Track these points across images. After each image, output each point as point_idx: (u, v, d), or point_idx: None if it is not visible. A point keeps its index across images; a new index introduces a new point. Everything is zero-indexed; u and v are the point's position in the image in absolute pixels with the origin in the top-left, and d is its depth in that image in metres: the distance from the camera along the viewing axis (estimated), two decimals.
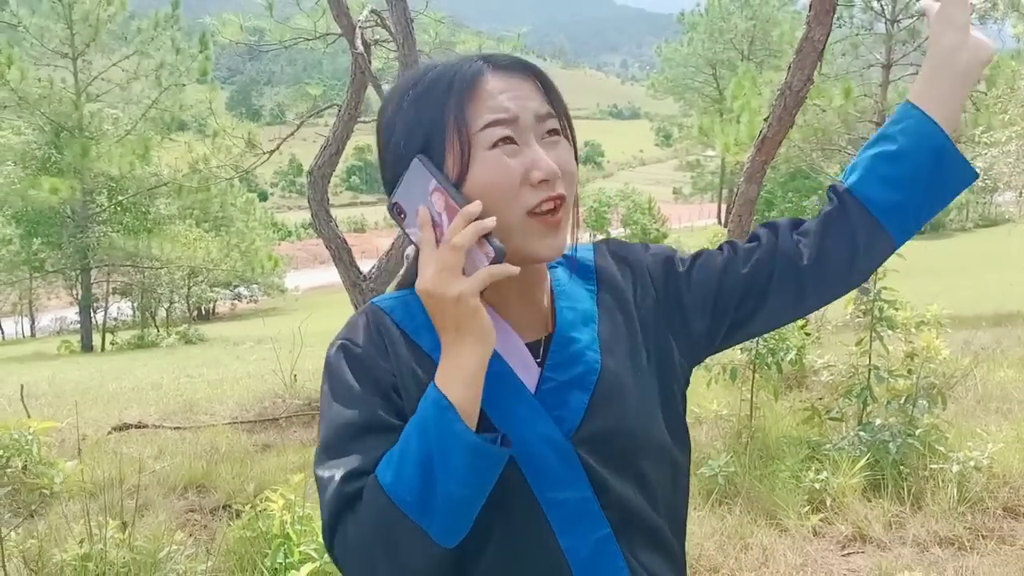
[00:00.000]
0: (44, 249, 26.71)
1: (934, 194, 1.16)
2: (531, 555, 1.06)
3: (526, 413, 1.07)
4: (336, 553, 1.01)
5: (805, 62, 4.47)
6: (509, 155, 1.01)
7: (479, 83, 1.03)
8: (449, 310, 0.98)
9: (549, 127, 1.05)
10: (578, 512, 1.07)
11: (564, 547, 1.06)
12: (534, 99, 1.05)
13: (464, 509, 0.97)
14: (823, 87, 17.41)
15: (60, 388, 9.94)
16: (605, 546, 1.07)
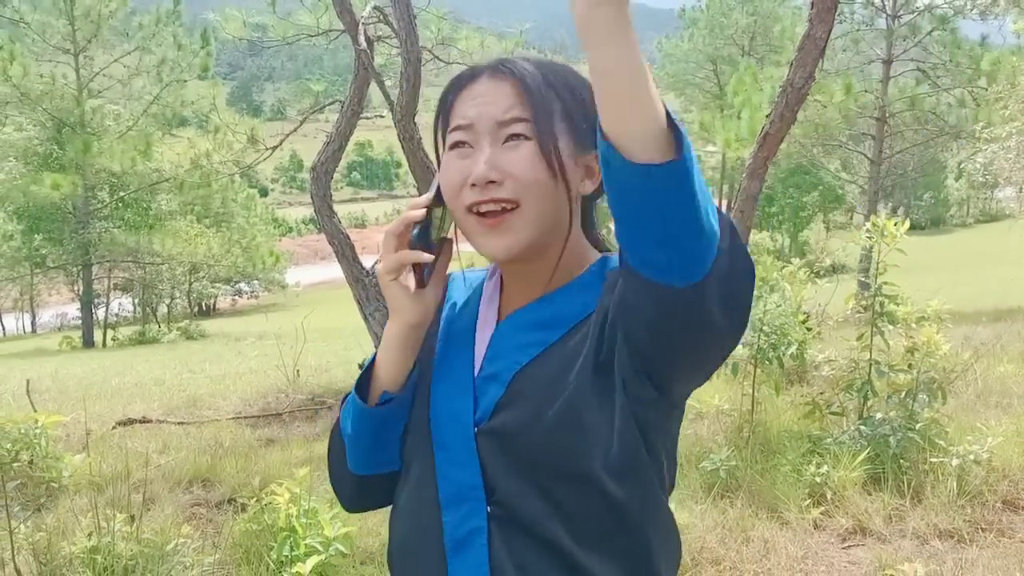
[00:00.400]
0: (45, 245, 26.76)
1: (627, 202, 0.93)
2: (424, 512, 1.15)
3: (452, 389, 1.16)
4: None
5: (807, 59, 4.50)
6: (461, 157, 1.10)
7: (464, 90, 1.13)
8: (381, 286, 1.15)
9: (511, 131, 1.07)
10: (462, 495, 1.12)
11: (444, 521, 1.13)
12: (501, 104, 1.08)
13: (355, 445, 1.20)
14: (824, 83, 17.41)
15: (63, 384, 9.97)
16: (475, 538, 1.10)
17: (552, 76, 1.11)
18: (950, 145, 25.07)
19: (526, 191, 1.07)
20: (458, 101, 1.12)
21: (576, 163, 1.11)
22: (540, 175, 1.06)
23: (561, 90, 1.11)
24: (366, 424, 1.18)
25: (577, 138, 1.10)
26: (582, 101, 1.11)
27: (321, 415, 7.13)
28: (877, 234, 4.68)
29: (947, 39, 19.91)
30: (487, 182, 1.06)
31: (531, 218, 1.07)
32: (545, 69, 1.12)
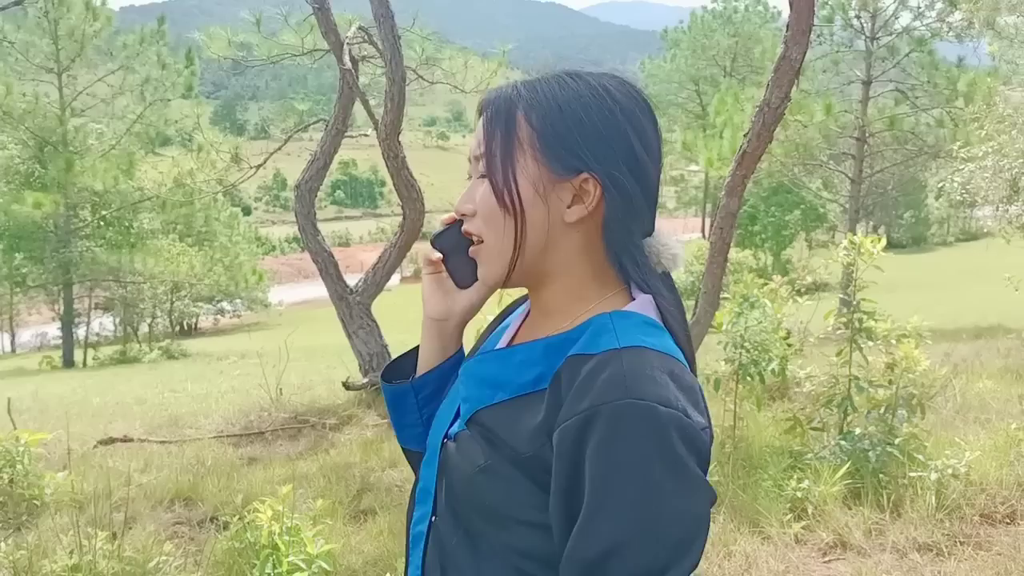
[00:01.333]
0: (26, 264, 26.50)
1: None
2: (410, 499, 1.22)
3: (452, 396, 1.21)
4: None
5: (782, 80, 4.57)
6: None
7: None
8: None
9: (480, 169, 1.09)
10: (423, 497, 1.18)
11: (413, 516, 1.19)
12: (476, 138, 1.10)
13: (394, 416, 1.29)
14: (804, 103, 17.62)
15: (44, 403, 9.89)
16: (419, 541, 1.17)
17: (531, 98, 1.06)
18: (929, 164, 25.34)
19: (485, 226, 1.09)
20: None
21: (552, 188, 1.04)
22: (492, 211, 1.07)
23: (535, 113, 1.05)
24: (387, 399, 1.29)
25: (551, 166, 1.04)
26: (561, 122, 1.04)
27: (304, 433, 7.10)
28: (855, 252, 4.75)
29: (925, 60, 20.22)
30: (461, 214, 1.12)
31: (495, 252, 1.09)
32: (529, 88, 1.07)
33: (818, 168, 23.70)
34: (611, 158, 1.04)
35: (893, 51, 20.90)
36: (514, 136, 1.05)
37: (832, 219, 38.39)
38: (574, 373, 0.98)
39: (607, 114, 1.05)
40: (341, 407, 7.84)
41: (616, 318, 1.03)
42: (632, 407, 0.91)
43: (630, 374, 0.94)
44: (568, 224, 1.06)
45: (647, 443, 0.91)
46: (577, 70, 1.10)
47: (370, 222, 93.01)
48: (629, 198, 1.05)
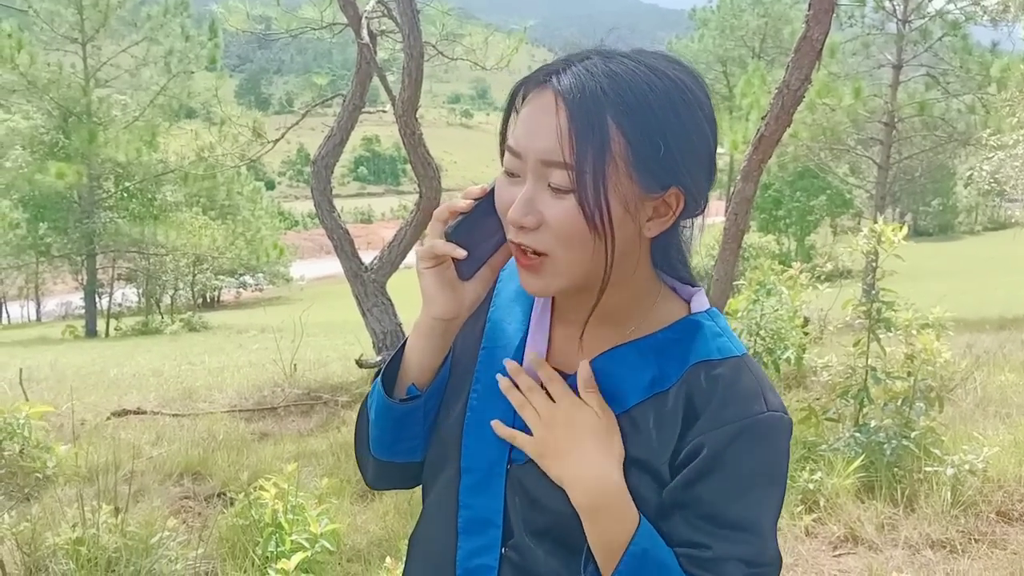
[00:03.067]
0: (50, 234, 26.76)
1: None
2: (443, 528, 1.12)
3: (492, 411, 1.10)
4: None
5: (803, 61, 4.44)
6: (510, 183, 1.01)
7: (529, 98, 1.00)
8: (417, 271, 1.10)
9: (554, 179, 0.95)
10: (479, 528, 1.09)
11: (459, 546, 1.11)
12: (548, 139, 0.95)
13: (377, 432, 1.17)
14: (833, 86, 17.37)
15: (61, 373, 9.97)
16: (485, 575, 1.09)
17: (622, 95, 0.94)
18: (959, 151, 24.95)
19: (558, 244, 0.97)
20: (522, 112, 1.00)
21: (641, 205, 0.98)
22: (577, 232, 0.96)
23: (630, 123, 0.94)
24: (388, 416, 1.15)
25: (643, 182, 0.96)
26: (660, 135, 0.95)
27: (316, 410, 7.10)
28: (875, 240, 4.64)
29: (958, 45, 19.81)
30: (520, 226, 0.98)
31: (563, 269, 0.99)
32: (613, 84, 0.95)
33: (845, 153, 23.40)
34: (697, 169, 0.99)
35: (925, 34, 20.49)
36: (607, 150, 0.93)
37: (858, 205, 37.99)
38: (710, 380, 1.02)
39: (695, 120, 0.98)
40: (354, 384, 7.84)
41: (715, 317, 1.09)
42: (773, 419, 1.02)
43: (763, 385, 1.04)
44: (643, 237, 1.02)
45: (782, 449, 1.05)
46: (640, 53, 1.00)
47: (392, 199, 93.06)
48: (705, 198, 1.03)
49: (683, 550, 1.00)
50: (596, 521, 1.01)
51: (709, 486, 0.99)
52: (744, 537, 0.99)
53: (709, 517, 0.99)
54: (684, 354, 1.04)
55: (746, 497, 1.00)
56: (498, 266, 1.10)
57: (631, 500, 1.01)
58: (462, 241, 1.05)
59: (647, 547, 0.99)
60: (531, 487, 1.06)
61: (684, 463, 1.00)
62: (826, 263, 7.59)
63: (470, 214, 1.06)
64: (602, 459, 1.01)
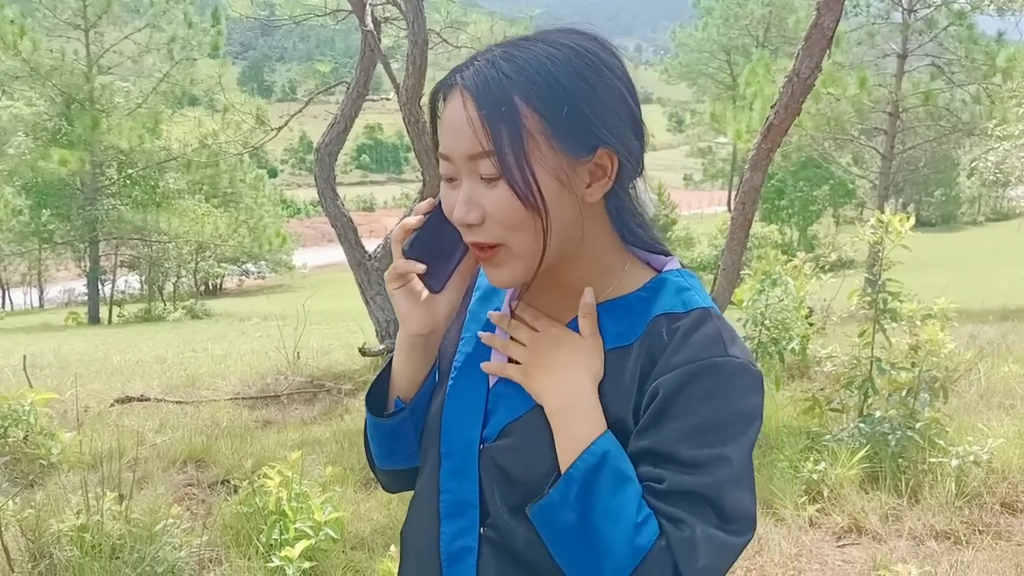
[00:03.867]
0: (53, 220, 26.76)
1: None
2: (427, 515, 1.15)
3: (464, 399, 1.13)
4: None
5: (814, 49, 4.41)
6: (450, 188, 1.03)
7: (445, 104, 1.01)
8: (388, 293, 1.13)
9: (483, 170, 0.97)
10: (459, 510, 1.11)
11: (441, 531, 1.12)
12: (466, 135, 0.97)
13: (374, 446, 1.21)
14: (837, 76, 17.29)
15: (65, 360, 9.98)
16: (466, 556, 1.10)
17: (526, 79, 0.96)
18: (963, 142, 24.86)
19: (506, 231, 0.99)
20: (441, 118, 1.02)
21: (573, 173, 0.99)
22: (518, 215, 0.97)
23: (538, 97, 0.96)
24: (379, 432, 1.19)
25: (568, 149, 0.97)
26: (570, 101, 0.96)
27: (319, 398, 7.11)
28: (882, 230, 4.62)
29: (963, 34, 19.72)
30: (466, 225, 1.00)
31: (520, 252, 1.00)
32: (518, 69, 0.97)
33: (849, 143, 23.35)
34: (620, 125, 1.00)
35: (931, 24, 20.41)
36: (521, 127, 0.95)
37: (861, 195, 37.89)
38: (670, 331, 1.02)
39: (603, 79, 0.99)
40: (357, 372, 7.84)
41: (684, 275, 1.09)
42: (732, 363, 1.00)
43: (726, 333, 1.02)
44: (588, 204, 1.02)
45: (749, 397, 1.01)
46: (542, 33, 1.03)
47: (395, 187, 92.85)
48: (639, 161, 1.04)
49: (645, 483, 0.99)
50: (563, 424, 1.01)
51: (664, 429, 0.98)
52: (701, 472, 0.97)
53: (665, 458, 0.98)
54: (648, 309, 1.05)
55: (703, 437, 0.97)
56: (468, 272, 1.11)
57: (600, 411, 1.01)
58: (420, 255, 1.07)
59: (609, 449, 0.98)
60: (502, 462, 1.07)
61: (644, 410, 1.01)
62: (830, 253, 7.57)
63: (423, 228, 1.08)
64: (579, 372, 1.03)
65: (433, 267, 1.08)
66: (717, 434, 0.98)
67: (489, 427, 1.09)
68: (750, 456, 1.02)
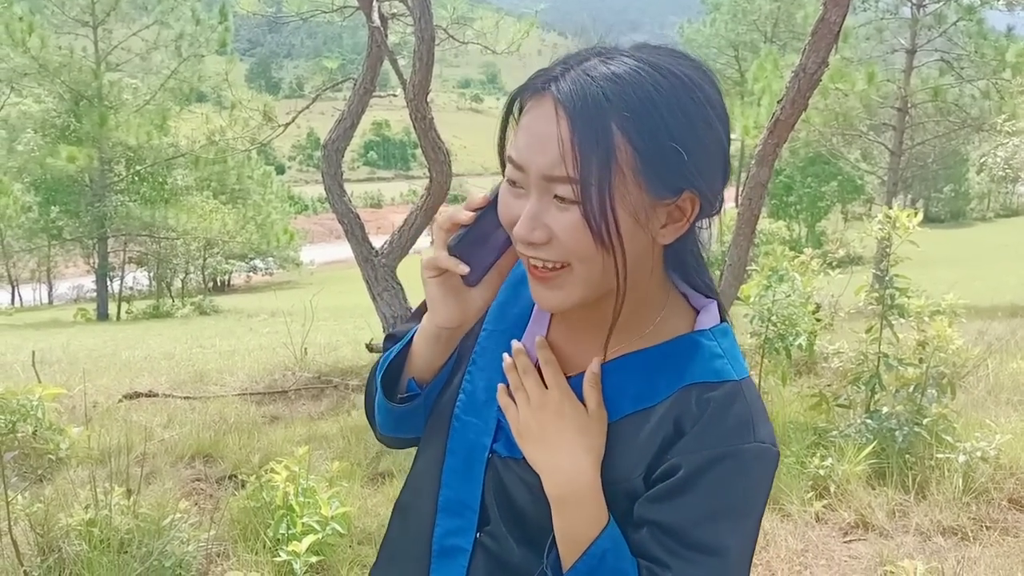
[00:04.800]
0: (62, 217, 26.87)
1: None
2: (423, 502, 1.13)
3: (481, 399, 1.11)
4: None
5: (820, 44, 4.39)
6: (514, 195, 0.97)
7: (528, 105, 0.95)
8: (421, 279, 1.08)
9: (559, 191, 0.91)
10: (457, 509, 1.10)
11: (437, 523, 1.11)
12: (550, 152, 0.90)
13: (380, 418, 1.20)
14: (846, 71, 17.22)
15: (74, 355, 10.02)
16: (458, 556, 1.09)
17: (625, 99, 0.89)
18: (972, 138, 24.77)
19: (573, 256, 0.93)
20: (522, 122, 0.95)
21: (652, 213, 0.93)
22: (586, 246, 0.92)
23: (636, 130, 0.89)
24: (390, 414, 1.18)
25: (654, 189, 0.91)
26: (668, 140, 0.90)
27: (326, 394, 7.12)
28: (890, 226, 4.61)
29: (973, 29, 19.60)
30: (528, 243, 0.95)
31: (583, 278, 0.95)
32: (619, 93, 0.90)
33: (857, 139, 23.25)
34: (711, 170, 0.95)
35: (940, 19, 20.29)
36: (612, 160, 0.89)
37: (869, 191, 37.77)
38: (700, 401, 0.98)
39: (705, 119, 0.93)
40: (364, 368, 7.86)
41: (718, 336, 1.04)
42: (759, 451, 0.98)
43: (756, 415, 0.99)
44: (657, 244, 0.98)
45: (764, 482, 1.00)
46: (644, 51, 0.95)
47: (402, 184, 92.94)
48: (720, 198, 0.99)
49: (645, 563, 0.97)
50: (563, 513, 0.99)
51: (680, 506, 0.96)
52: (707, 561, 0.96)
53: (675, 536, 0.96)
54: (678, 373, 1.00)
55: (716, 523, 0.96)
56: (506, 270, 1.08)
57: (603, 501, 0.99)
58: (465, 253, 1.03)
59: (608, 548, 0.97)
60: (507, 481, 1.06)
61: (659, 480, 0.98)
62: (838, 249, 7.54)
63: (473, 227, 1.03)
64: (580, 454, 0.99)
65: (472, 261, 1.04)
66: (728, 522, 0.97)
67: (501, 441, 1.07)
68: (756, 534, 1.02)
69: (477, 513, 1.08)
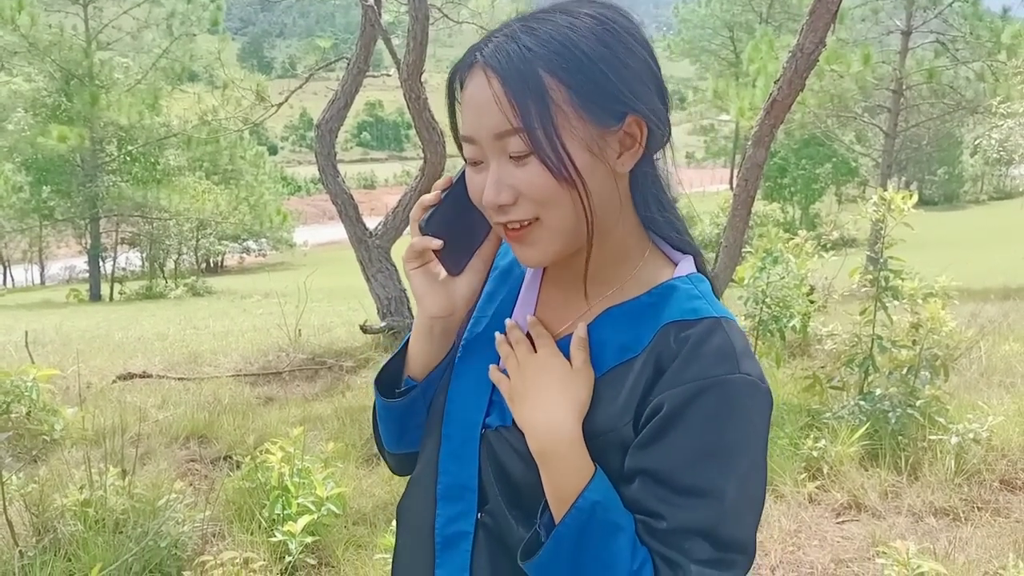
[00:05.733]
0: (54, 197, 26.68)
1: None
2: (424, 497, 1.13)
3: (471, 379, 1.11)
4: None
5: (818, 24, 4.37)
6: (475, 172, 1.01)
7: (465, 84, 0.99)
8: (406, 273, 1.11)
9: (511, 148, 0.95)
10: (457, 494, 1.09)
11: (437, 513, 1.11)
12: (492, 114, 0.94)
13: (383, 428, 1.20)
14: (841, 52, 17.17)
15: (67, 336, 9.99)
16: (461, 541, 1.09)
17: (550, 51, 0.94)
18: (966, 120, 24.74)
19: (542, 207, 0.96)
20: (462, 99, 1.00)
21: (604, 143, 0.96)
22: (551, 190, 0.95)
23: (563, 69, 0.94)
24: (389, 415, 1.17)
25: (597, 119, 0.95)
26: (596, 70, 0.94)
27: (321, 375, 7.12)
28: (884, 208, 4.61)
29: (968, 11, 19.56)
30: (498, 206, 0.97)
31: (556, 227, 0.97)
32: (540, 42, 0.95)
33: (852, 121, 23.23)
34: (646, 91, 0.98)
35: (935, 0, 20.24)
36: (549, 101, 0.93)
37: (863, 174, 37.73)
38: (679, 339, 0.97)
39: (625, 45, 0.97)
40: (358, 350, 7.85)
41: (695, 281, 1.04)
42: (744, 383, 0.95)
43: (739, 346, 0.97)
44: (619, 175, 1.00)
45: (756, 419, 0.96)
46: (560, 4, 0.99)
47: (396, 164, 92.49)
48: (667, 124, 1.02)
49: (640, 517, 0.96)
50: (547, 468, 0.98)
51: (666, 448, 0.94)
52: (699, 504, 0.93)
53: (665, 483, 0.94)
54: (657, 317, 1.01)
55: (705, 463, 0.94)
56: (489, 256, 1.10)
57: (586, 453, 0.98)
58: (437, 232, 1.05)
59: (598, 501, 0.95)
60: (500, 453, 1.06)
61: (646, 423, 0.97)
62: (832, 231, 7.55)
63: (440, 205, 1.06)
64: (562, 407, 0.99)
65: (451, 248, 1.06)
66: (719, 461, 0.94)
67: (494, 415, 1.08)
68: (757, 479, 0.97)
69: (476, 493, 1.07)
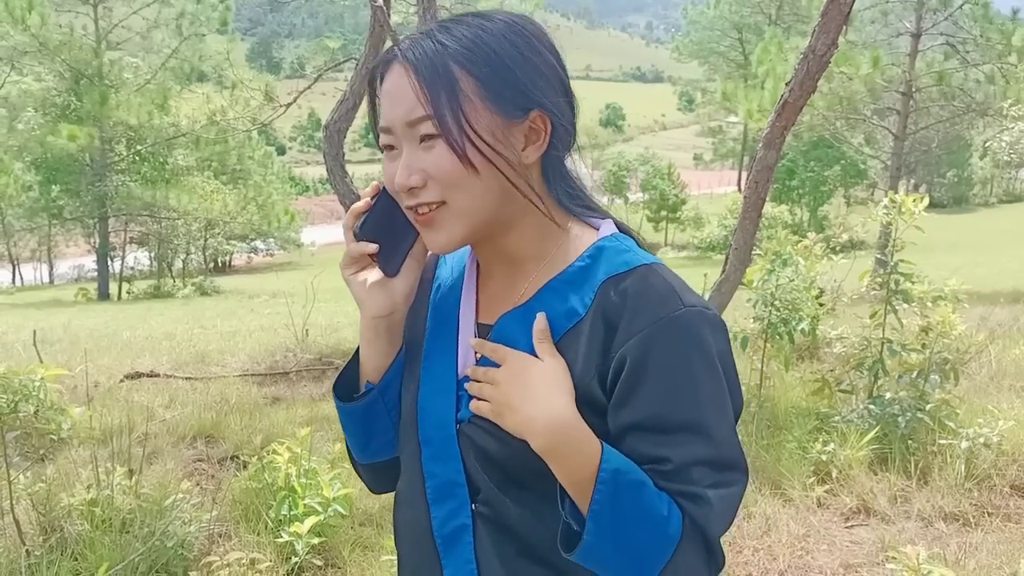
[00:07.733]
0: (63, 196, 26.80)
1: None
2: (416, 505, 1.16)
3: (435, 384, 1.15)
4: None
5: (830, 25, 4.34)
6: (390, 159, 1.07)
7: (383, 80, 1.06)
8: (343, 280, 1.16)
9: (421, 132, 1.02)
10: (448, 492, 1.12)
11: (432, 516, 1.14)
12: (406, 103, 1.02)
13: (349, 437, 1.24)
14: (851, 54, 17.09)
15: (75, 335, 10.02)
16: (462, 535, 1.11)
17: (461, 47, 1.03)
18: (976, 122, 24.65)
19: (449, 189, 1.03)
20: (381, 93, 1.07)
21: (509, 132, 1.04)
22: (457, 173, 1.02)
23: (472, 63, 1.02)
24: (351, 420, 1.21)
25: (503, 110, 1.03)
26: (502, 65, 1.03)
27: (328, 375, 7.12)
28: (895, 210, 4.58)
29: (978, 13, 19.44)
30: (408, 188, 1.04)
31: (460, 211, 1.04)
32: (453, 39, 1.03)
33: (861, 123, 23.15)
34: (550, 90, 1.06)
35: (945, 2, 20.12)
36: (458, 90, 1.01)
37: (872, 176, 37.66)
38: (619, 292, 1.03)
39: (532, 47, 1.05)
40: None
41: (622, 239, 1.11)
42: (692, 315, 1.01)
43: (676, 283, 1.04)
44: (525, 166, 1.06)
45: (713, 342, 1.02)
46: (479, 12, 1.09)
47: None
48: (572, 125, 1.09)
49: (647, 467, 1.00)
50: (559, 461, 1.00)
51: (643, 398, 1.00)
52: (697, 439, 0.99)
53: (655, 429, 0.99)
54: (593, 277, 1.07)
55: (684, 397, 0.99)
56: (422, 254, 1.15)
57: (589, 431, 1.00)
58: (371, 237, 1.11)
59: (618, 466, 0.98)
60: (482, 444, 1.08)
61: (614, 380, 1.01)
62: (841, 234, 7.52)
63: (372, 211, 1.11)
64: (552, 400, 1.01)
65: (386, 250, 1.11)
66: (695, 391, 0.99)
67: (463, 408, 1.11)
68: (734, 396, 1.04)
69: (466, 486, 1.10)
